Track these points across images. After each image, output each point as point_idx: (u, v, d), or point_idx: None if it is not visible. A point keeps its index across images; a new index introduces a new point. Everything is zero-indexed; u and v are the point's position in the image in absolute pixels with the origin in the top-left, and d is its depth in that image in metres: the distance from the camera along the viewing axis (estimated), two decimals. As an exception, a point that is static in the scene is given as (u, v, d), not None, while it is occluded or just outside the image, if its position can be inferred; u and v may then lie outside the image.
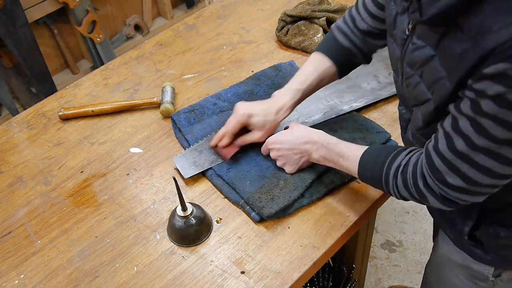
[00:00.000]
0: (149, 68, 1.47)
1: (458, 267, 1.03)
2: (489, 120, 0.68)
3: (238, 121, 1.10)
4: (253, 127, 1.11)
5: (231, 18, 1.64)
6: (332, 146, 1.02)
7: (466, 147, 0.73)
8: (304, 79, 1.11)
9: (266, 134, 1.12)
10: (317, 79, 1.11)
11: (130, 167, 1.20)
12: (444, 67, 0.74)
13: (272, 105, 1.10)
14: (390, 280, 1.99)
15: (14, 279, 1.01)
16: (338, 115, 1.25)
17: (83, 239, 1.07)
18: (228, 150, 1.13)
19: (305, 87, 1.11)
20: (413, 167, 0.86)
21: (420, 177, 0.84)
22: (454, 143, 0.75)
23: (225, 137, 1.12)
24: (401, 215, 2.19)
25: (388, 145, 0.96)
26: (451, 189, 0.80)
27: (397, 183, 0.89)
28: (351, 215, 1.07)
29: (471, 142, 0.72)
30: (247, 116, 1.10)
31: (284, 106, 1.10)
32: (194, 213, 1.02)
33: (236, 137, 1.13)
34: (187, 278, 0.99)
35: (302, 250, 1.01)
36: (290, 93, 1.11)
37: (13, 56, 2.20)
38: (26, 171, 1.22)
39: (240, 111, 1.10)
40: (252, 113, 1.10)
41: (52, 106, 1.38)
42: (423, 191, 0.84)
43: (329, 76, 1.13)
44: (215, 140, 1.14)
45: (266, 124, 1.10)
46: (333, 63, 1.11)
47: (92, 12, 2.37)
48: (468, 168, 0.75)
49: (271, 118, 1.10)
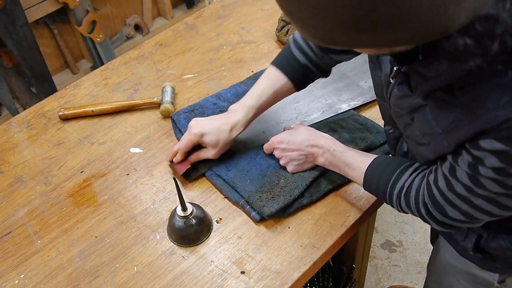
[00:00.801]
0: (149, 68, 1.47)
1: (461, 274, 1.03)
2: (487, 179, 0.69)
3: (190, 139, 1.10)
4: (206, 145, 1.11)
5: (231, 18, 1.64)
6: (338, 154, 1.02)
7: (465, 191, 0.74)
8: (258, 96, 1.10)
9: (220, 152, 1.11)
10: (273, 95, 1.11)
11: (130, 167, 1.20)
12: (437, 124, 0.73)
13: (226, 122, 1.09)
14: (390, 280, 1.99)
15: (14, 279, 1.01)
16: (336, 113, 1.26)
17: (83, 239, 1.07)
18: (180, 167, 1.14)
19: (260, 104, 1.10)
20: (415, 193, 0.86)
21: (423, 206, 0.85)
22: (453, 186, 0.76)
23: (178, 154, 1.13)
24: (401, 215, 2.19)
25: (394, 159, 0.96)
26: (452, 221, 0.81)
27: (400, 203, 0.91)
28: (351, 215, 1.07)
29: (470, 189, 0.73)
30: (199, 136, 1.09)
31: (238, 123, 1.09)
32: (194, 213, 1.02)
33: (190, 153, 1.14)
34: (187, 278, 0.99)
35: (302, 250, 1.01)
36: (245, 110, 1.10)
37: (13, 56, 2.20)
38: (26, 171, 1.22)
39: (193, 130, 1.10)
40: (204, 132, 1.09)
41: (52, 106, 1.38)
42: (426, 217, 0.86)
43: (285, 92, 1.12)
44: (169, 156, 1.15)
45: (219, 142, 1.09)
46: (289, 79, 1.10)
47: (92, 12, 2.37)
48: (468, 208, 0.76)
49: (225, 136, 1.09)
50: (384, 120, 1.00)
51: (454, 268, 1.04)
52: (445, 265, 1.07)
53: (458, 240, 0.96)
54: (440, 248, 1.08)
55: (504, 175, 0.66)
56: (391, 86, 0.83)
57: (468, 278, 1.02)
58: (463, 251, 0.97)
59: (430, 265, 1.18)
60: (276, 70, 1.11)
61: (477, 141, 0.66)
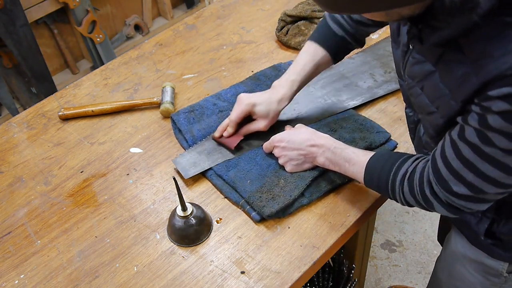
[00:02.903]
0: (149, 68, 1.47)
1: (470, 263, 1.04)
2: (495, 133, 0.69)
3: (242, 110, 1.13)
4: (257, 116, 1.14)
5: (231, 18, 1.64)
6: (339, 150, 1.03)
7: (472, 154, 0.74)
8: (300, 69, 1.14)
9: (270, 123, 1.15)
10: (313, 68, 1.15)
11: (130, 167, 1.20)
12: (446, 85, 0.74)
13: (273, 95, 1.14)
14: (390, 280, 1.99)
15: (14, 279, 1.01)
16: (336, 113, 1.26)
17: (83, 239, 1.07)
18: (233, 139, 1.16)
19: (302, 78, 1.14)
20: (420, 174, 0.86)
21: (427, 185, 0.85)
22: (461, 151, 0.75)
23: (229, 126, 1.15)
24: (401, 215, 2.19)
25: (395, 152, 0.98)
26: (456, 197, 0.80)
27: (403, 190, 0.90)
28: (351, 215, 1.07)
29: (477, 150, 0.73)
30: (251, 105, 1.13)
31: (284, 96, 1.14)
32: (194, 213, 1.02)
33: (239, 127, 1.16)
34: (187, 278, 0.99)
35: (302, 250, 1.01)
36: (288, 84, 1.14)
37: (13, 56, 2.20)
38: (26, 171, 1.22)
39: (245, 101, 1.13)
40: (255, 102, 1.13)
41: (52, 106, 1.38)
42: (430, 198, 0.85)
43: (325, 64, 1.17)
44: (219, 131, 1.17)
45: (269, 113, 1.13)
46: (327, 52, 1.14)
47: (92, 12, 2.37)
48: (474, 177, 0.76)
49: (274, 107, 1.13)
50: (404, 101, 1.00)
51: (463, 257, 1.05)
52: (455, 255, 1.08)
53: (471, 223, 0.96)
54: (451, 239, 1.08)
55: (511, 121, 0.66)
56: (406, 56, 0.85)
57: (478, 268, 1.02)
58: (474, 237, 0.97)
59: (439, 257, 1.19)
60: (315, 44, 1.15)
61: (485, 91, 0.66)
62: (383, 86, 1.32)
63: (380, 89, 1.32)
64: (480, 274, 1.03)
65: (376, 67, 1.37)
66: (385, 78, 1.35)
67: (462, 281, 1.08)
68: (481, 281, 1.04)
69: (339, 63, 1.39)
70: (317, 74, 1.18)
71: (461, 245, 1.04)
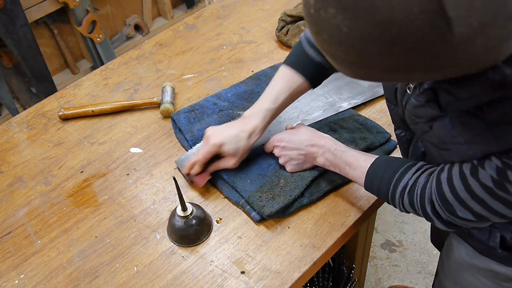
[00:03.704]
0: (149, 68, 1.47)
1: (479, 271, 1.01)
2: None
3: (209, 151, 1.07)
4: (225, 155, 1.09)
5: (231, 18, 1.64)
6: (339, 153, 1.01)
7: (484, 193, 0.73)
8: (276, 98, 1.07)
9: (239, 160, 1.09)
10: (289, 96, 1.08)
11: (130, 167, 1.20)
12: (459, 134, 0.72)
13: (243, 129, 1.06)
14: (390, 280, 1.99)
15: (14, 279, 1.01)
16: (337, 112, 1.26)
17: (83, 239, 1.07)
18: (201, 178, 1.12)
19: (277, 106, 1.08)
20: (421, 190, 0.85)
21: (428, 203, 0.84)
22: (471, 186, 0.74)
23: (196, 165, 1.09)
24: (401, 215, 2.19)
25: (395, 159, 0.95)
26: (460, 220, 0.80)
27: (403, 201, 0.90)
28: (351, 215, 1.07)
29: (490, 191, 0.72)
30: (218, 146, 1.06)
31: (255, 129, 1.07)
32: (194, 213, 1.02)
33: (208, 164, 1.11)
34: (187, 278, 0.99)
35: (302, 250, 1.01)
36: (261, 114, 1.07)
37: (13, 56, 2.20)
38: (26, 171, 1.22)
39: (211, 141, 1.06)
40: (223, 142, 1.06)
41: (52, 106, 1.38)
42: (430, 215, 0.85)
43: (301, 91, 1.10)
44: (187, 168, 1.11)
45: (238, 151, 1.07)
46: (305, 79, 1.07)
47: (92, 12, 2.37)
48: (482, 210, 0.75)
49: (243, 144, 1.06)
50: (394, 123, 0.99)
51: (471, 266, 1.02)
52: (460, 264, 1.05)
53: (482, 239, 0.94)
54: (454, 247, 1.05)
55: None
56: (407, 96, 0.82)
57: (487, 275, 1.00)
58: (488, 250, 0.95)
59: (442, 264, 1.16)
60: (291, 70, 1.08)
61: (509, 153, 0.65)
62: (383, 85, 1.33)
63: (381, 87, 1.32)
64: (490, 280, 1.01)
65: None
66: None
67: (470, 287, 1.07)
68: (491, 287, 1.02)
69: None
70: (292, 102, 1.10)
71: (466, 254, 1.02)
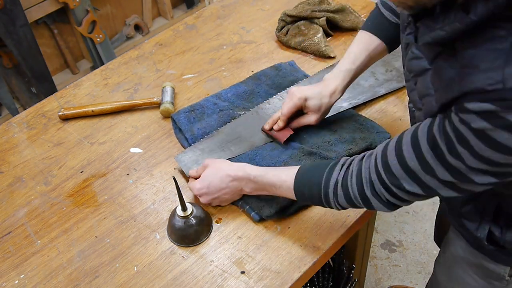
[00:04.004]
0: (149, 68, 1.47)
1: (471, 267, 1.03)
2: (465, 149, 0.67)
3: (294, 104, 1.11)
4: (308, 110, 1.13)
5: (231, 18, 1.64)
6: (259, 178, 1.00)
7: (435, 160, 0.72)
8: (354, 59, 1.11)
9: (321, 117, 1.14)
10: (367, 57, 1.11)
11: (130, 167, 1.20)
12: (433, 85, 0.73)
13: (325, 88, 1.11)
14: (390, 280, 1.99)
15: (14, 279, 1.01)
16: (338, 112, 1.26)
17: (83, 239, 1.07)
18: (283, 133, 1.15)
19: (356, 67, 1.11)
20: (356, 178, 0.86)
21: (368, 185, 0.84)
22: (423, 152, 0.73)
23: (280, 120, 1.14)
24: (401, 215, 2.19)
25: (318, 163, 0.96)
26: (403, 192, 0.79)
27: (337, 199, 0.90)
28: (351, 215, 1.07)
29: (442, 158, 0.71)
30: (303, 100, 1.11)
31: (336, 89, 1.11)
32: (194, 213, 1.02)
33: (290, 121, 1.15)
34: (187, 278, 0.99)
35: (302, 250, 1.01)
36: (342, 74, 1.11)
37: (13, 56, 2.20)
38: (26, 171, 1.22)
39: (297, 95, 1.11)
40: (307, 96, 1.11)
41: (52, 106, 1.38)
42: (370, 199, 0.85)
43: (379, 54, 1.13)
44: (269, 124, 1.16)
45: (321, 107, 1.12)
46: (381, 40, 1.10)
47: (92, 12, 2.37)
48: (431, 179, 0.74)
49: (326, 101, 1.11)
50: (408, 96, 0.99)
51: (464, 261, 1.04)
52: (455, 258, 1.07)
53: (471, 230, 0.95)
54: (450, 242, 1.07)
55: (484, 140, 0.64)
56: (407, 49, 0.84)
57: (478, 271, 1.02)
58: (477, 242, 0.97)
59: (438, 259, 1.18)
60: (368, 34, 1.11)
61: (463, 102, 0.65)
62: (384, 84, 1.33)
63: (382, 87, 1.32)
64: (481, 278, 1.02)
65: (377, 66, 1.37)
66: (386, 76, 1.35)
67: (462, 284, 1.07)
68: (482, 284, 1.03)
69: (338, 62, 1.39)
70: (370, 64, 1.13)
71: (461, 248, 1.03)
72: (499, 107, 0.61)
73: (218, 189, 1.04)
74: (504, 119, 0.61)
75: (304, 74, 1.38)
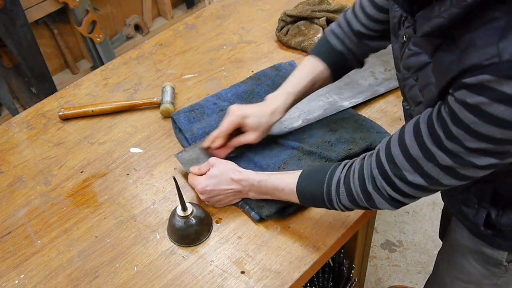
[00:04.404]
0: (149, 68, 1.47)
1: (470, 253, 1.04)
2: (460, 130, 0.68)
3: (233, 121, 1.10)
4: (248, 128, 1.11)
5: (231, 18, 1.64)
6: (263, 183, 1.01)
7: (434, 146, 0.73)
8: (296, 83, 1.12)
9: (260, 136, 1.12)
10: (310, 82, 1.12)
11: (130, 167, 1.20)
12: (434, 74, 0.75)
13: (266, 107, 1.10)
14: (390, 280, 2.00)
15: (14, 279, 1.01)
16: (338, 111, 1.26)
17: (83, 239, 1.07)
18: (221, 151, 1.13)
19: (298, 91, 1.11)
20: (358, 174, 0.87)
21: (369, 181, 0.85)
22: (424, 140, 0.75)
23: (218, 138, 1.12)
24: (401, 215, 2.19)
25: (321, 166, 0.97)
26: (408, 186, 0.80)
27: (340, 197, 0.90)
28: (351, 215, 1.07)
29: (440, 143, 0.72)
30: (241, 117, 1.09)
31: (277, 109, 1.10)
32: (194, 213, 1.02)
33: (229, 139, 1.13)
34: (187, 278, 0.99)
35: (302, 250, 1.01)
36: (283, 96, 1.11)
37: (13, 56, 2.20)
38: (26, 171, 1.22)
39: (235, 112, 1.10)
40: (246, 114, 1.09)
41: (52, 106, 1.38)
42: (372, 195, 0.85)
43: (322, 80, 1.14)
44: (208, 142, 1.13)
45: (260, 125, 1.10)
46: (326, 66, 1.12)
47: (92, 12, 2.37)
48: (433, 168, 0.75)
49: (266, 120, 1.10)
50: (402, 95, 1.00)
51: (463, 248, 1.05)
52: (455, 246, 1.09)
53: (469, 215, 0.96)
54: (452, 231, 1.09)
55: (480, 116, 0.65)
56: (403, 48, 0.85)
57: (478, 258, 1.03)
58: (475, 228, 0.98)
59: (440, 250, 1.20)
60: (314, 58, 1.13)
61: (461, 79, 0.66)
62: (383, 84, 1.33)
63: (381, 87, 1.32)
64: (480, 264, 1.04)
65: (376, 65, 1.38)
66: (385, 75, 1.35)
67: (462, 272, 1.09)
68: (481, 271, 1.05)
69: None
70: (314, 90, 1.14)
71: (461, 236, 1.05)
72: (495, 77, 0.62)
73: (222, 190, 1.05)
74: (499, 92, 0.62)
75: (304, 74, 1.38)
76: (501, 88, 0.62)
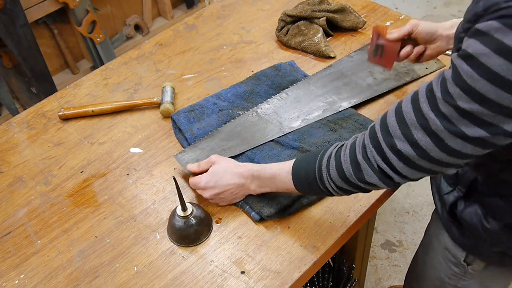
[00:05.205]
0: (149, 68, 1.47)
1: (439, 248, 1.09)
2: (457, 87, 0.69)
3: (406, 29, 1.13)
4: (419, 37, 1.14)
5: (231, 18, 1.64)
6: (262, 171, 1.02)
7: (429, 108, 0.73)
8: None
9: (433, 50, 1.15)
10: None
11: (130, 167, 1.20)
12: None
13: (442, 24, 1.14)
14: (390, 280, 2.00)
15: (14, 279, 1.01)
16: (337, 111, 1.26)
17: (83, 239, 1.07)
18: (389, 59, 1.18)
19: None
20: (350, 148, 0.85)
21: (360, 151, 0.83)
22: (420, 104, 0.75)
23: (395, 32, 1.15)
24: (401, 215, 2.19)
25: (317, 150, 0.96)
26: (397, 155, 0.78)
27: (329, 171, 0.88)
28: (351, 215, 1.07)
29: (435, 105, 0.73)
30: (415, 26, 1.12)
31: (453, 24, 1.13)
32: (194, 213, 1.02)
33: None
34: (187, 278, 0.99)
35: (302, 250, 1.01)
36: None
37: (13, 56, 2.20)
38: (26, 171, 1.22)
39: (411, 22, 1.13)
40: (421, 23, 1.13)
41: (52, 106, 1.38)
42: (361, 163, 0.83)
43: None
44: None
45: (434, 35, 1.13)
46: None
47: (92, 12, 2.37)
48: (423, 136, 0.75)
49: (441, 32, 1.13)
50: None
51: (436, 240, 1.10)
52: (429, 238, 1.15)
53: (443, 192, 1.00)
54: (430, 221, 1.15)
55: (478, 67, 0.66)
56: None
57: (443, 253, 1.08)
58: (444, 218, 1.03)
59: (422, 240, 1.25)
60: None
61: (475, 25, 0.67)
62: (382, 83, 1.33)
63: (380, 86, 1.32)
64: (444, 261, 1.08)
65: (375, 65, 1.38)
66: (384, 75, 1.35)
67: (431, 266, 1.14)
68: (445, 269, 1.09)
69: (338, 61, 1.40)
70: None
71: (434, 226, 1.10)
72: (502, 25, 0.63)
73: (225, 185, 1.05)
74: (500, 43, 0.63)
75: (304, 74, 1.38)
76: (503, 38, 0.63)
